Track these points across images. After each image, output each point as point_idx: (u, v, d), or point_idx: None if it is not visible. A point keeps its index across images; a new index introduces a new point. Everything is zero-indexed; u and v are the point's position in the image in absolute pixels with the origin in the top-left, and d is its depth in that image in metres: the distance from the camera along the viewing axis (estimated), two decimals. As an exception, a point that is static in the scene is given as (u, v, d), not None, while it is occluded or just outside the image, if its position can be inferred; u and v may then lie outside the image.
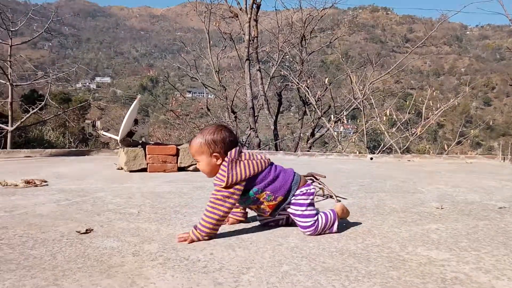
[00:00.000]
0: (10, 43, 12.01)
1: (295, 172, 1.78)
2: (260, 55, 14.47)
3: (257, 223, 1.86)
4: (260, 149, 11.56)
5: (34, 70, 15.86)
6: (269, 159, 1.77)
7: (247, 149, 9.42)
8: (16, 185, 2.75)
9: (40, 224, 1.78)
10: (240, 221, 1.87)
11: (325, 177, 2.56)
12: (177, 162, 3.85)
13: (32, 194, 2.50)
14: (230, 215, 1.81)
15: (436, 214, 2.16)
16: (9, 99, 12.21)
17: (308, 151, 15.65)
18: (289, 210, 1.72)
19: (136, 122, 3.85)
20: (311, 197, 1.73)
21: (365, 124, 11.56)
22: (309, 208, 1.69)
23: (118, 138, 3.71)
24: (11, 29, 11.95)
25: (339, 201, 2.44)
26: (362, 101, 11.24)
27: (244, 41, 13.52)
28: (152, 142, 4.01)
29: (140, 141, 3.91)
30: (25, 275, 1.19)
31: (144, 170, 3.76)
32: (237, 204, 1.69)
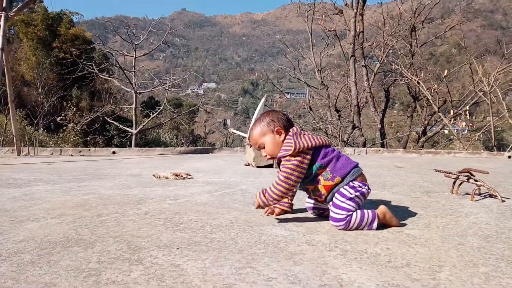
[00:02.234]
0: (134, 55, 13.51)
1: (357, 163, 1.70)
2: (364, 50, 13.92)
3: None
4: (365, 148, 11.11)
5: (153, 78, 17.64)
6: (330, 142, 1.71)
7: (352, 148, 9.07)
8: (167, 178, 3.02)
9: (207, 211, 1.91)
10: (286, 212, 1.85)
11: (487, 173, 2.29)
12: (302, 159, 3.86)
13: (184, 185, 2.72)
14: (277, 205, 1.81)
15: None
16: (133, 105, 13.75)
17: (420, 149, 14.57)
18: (333, 200, 1.63)
19: (263, 119, 3.96)
20: (358, 193, 1.61)
21: (492, 120, 10.31)
22: (348, 201, 1.59)
23: (246, 135, 3.86)
24: (134, 43, 13.48)
25: (504, 201, 2.16)
26: (489, 93, 10.03)
27: (348, 37, 13.15)
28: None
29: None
30: (219, 256, 1.27)
31: (270, 166, 3.85)
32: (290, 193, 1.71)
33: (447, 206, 2.04)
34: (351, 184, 1.63)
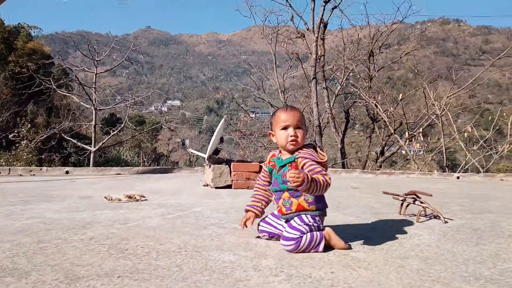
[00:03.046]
0: (95, 72, 13.21)
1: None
2: (326, 73, 14.38)
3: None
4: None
5: (114, 95, 17.24)
6: None
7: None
8: (120, 200, 2.93)
9: (156, 236, 1.86)
10: (257, 216, 1.84)
11: (431, 195, 2.40)
12: (260, 180, 3.88)
13: (137, 208, 2.65)
14: (252, 209, 1.83)
15: None
16: (93, 122, 13.36)
17: (378, 169, 15.04)
18: (290, 221, 1.69)
19: (222, 140, 3.96)
20: (315, 224, 1.68)
21: (444, 141, 10.86)
22: (304, 225, 1.64)
23: (205, 155, 3.84)
24: (96, 59, 13.20)
25: (446, 222, 2.26)
26: (440, 117, 10.59)
27: (310, 60, 13.56)
28: (236, 160, 4.10)
29: (225, 159, 4.02)
30: (161, 285, 1.23)
31: (229, 186, 3.83)
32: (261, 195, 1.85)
33: (394, 228, 2.11)
34: (314, 215, 1.69)
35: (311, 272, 1.37)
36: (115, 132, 14.26)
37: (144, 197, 3.10)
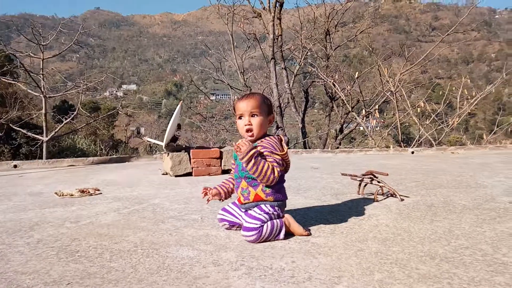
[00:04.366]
0: (42, 57, 12.40)
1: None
2: (284, 53, 14.36)
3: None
4: (288, 148, 11.46)
5: (65, 81, 16.32)
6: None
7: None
8: (72, 195, 2.78)
9: (110, 234, 1.77)
10: (219, 199, 1.80)
11: (387, 175, 2.45)
12: (220, 165, 3.82)
13: (90, 203, 2.52)
14: (218, 187, 1.80)
15: (513, 210, 2.02)
16: (43, 111, 12.62)
17: (338, 147, 15.41)
18: (248, 211, 1.68)
19: (179, 127, 3.84)
20: (275, 213, 1.66)
21: (399, 117, 11.25)
22: (264, 214, 1.63)
23: (163, 143, 3.72)
24: (42, 44, 12.37)
25: (403, 199, 2.33)
26: (395, 93, 10.94)
27: (268, 40, 13.47)
28: (195, 146, 4.01)
29: (184, 146, 3.91)
30: (114, 290, 1.16)
31: (189, 174, 3.75)
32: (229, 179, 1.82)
33: (353, 209, 2.14)
34: (273, 205, 1.67)
35: (272, 263, 1.35)
36: (67, 120, 13.54)
37: (98, 190, 2.96)
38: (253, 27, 15.32)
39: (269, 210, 1.66)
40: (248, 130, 1.69)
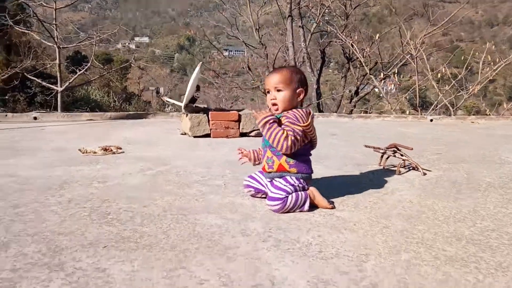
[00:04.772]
0: (54, 7, 12.15)
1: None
2: (301, 10, 13.85)
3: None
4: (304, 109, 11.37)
5: (77, 32, 16.10)
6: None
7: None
8: (95, 153, 2.83)
9: (138, 197, 1.81)
10: (253, 163, 1.89)
11: (411, 149, 2.43)
12: (239, 128, 3.83)
13: (114, 162, 2.57)
14: (252, 153, 1.88)
15: (538, 191, 2.01)
16: (57, 61, 12.57)
17: (352, 110, 15.23)
18: (274, 181, 1.70)
19: (198, 88, 3.81)
20: (300, 185, 1.69)
21: (418, 81, 10.98)
22: (289, 186, 1.65)
23: (182, 104, 3.71)
24: (54, -8, 12.06)
25: (425, 174, 2.32)
26: (416, 57, 10.59)
27: (287, -5, 12.95)
28: (213, 108, 3.99)
29: (202, 107, 3.90)
30: (149, 256, 1.21)
31: (207, 135, 3.77)
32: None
33: (375, 182, 2.14)
34: (299, 177, 1.70)
35: (299, 236, 1.38)
36: (81, 71, 13.54)
37: (120, 149, 3.00)
38: (271, -18, 14.70)
39: (295, 182, 1.67)
40: (273, 104, 1.72)
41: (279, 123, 1.68)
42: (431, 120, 5.99)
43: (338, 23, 14.56)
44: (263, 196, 1.79)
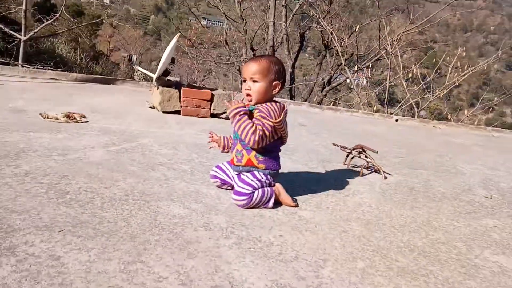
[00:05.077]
0: None
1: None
2: (287, -13, 13.64)
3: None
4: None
5: (49, -24, 15.02)
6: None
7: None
8: (57, 119, 2.70)
9: (99, 176, 1.75)
10: (222, 150, 1.86)
11: (377, 152, 2.49)
12: (210, 108, 3.77)
13: (77, 132, 2.46)
14: (223, 139, 1.86)
15: (488, 205, 2.13)
16: (23, 6, 11.75)
17: (322, 99, 15.42)
18: (241, 175, 1.70)
19: (173, 61, 3.70)
20: (267, 181, 1.69)
21: (389, 78, 11.24)
22: (256, 181, 1.66)
23: (154, 76, 3.59)
24: None
25: (386, 178, 2.40)
26: (391, 53, 10.78)
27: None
28: (186, 84, 3.89)
29: (175, 82, 3.80)
30: (107, 245, 1.18)
31: (177, 112, 3.69)
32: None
33: (339, 182, 2.19)
34: (267, 173, 1.69)
35: (261, 235, 1.40)
36: (49, 21, 12.72)
37: (84, 117, 2.88)
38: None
39: (262, 178, 1.68)
40: (248, 95, 1.68)
41: (251, 116, 1.66)
42: (396, 120, 6.17)
43: (322, 7, 14.48)
44: (229, 188, 1.78)
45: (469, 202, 2.15)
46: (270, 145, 1.69)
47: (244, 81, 1.70)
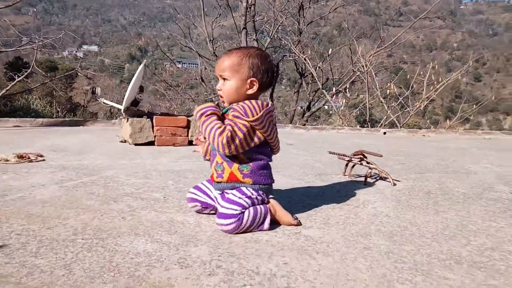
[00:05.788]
0: (-8, 6, 11.13)
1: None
2: (256, 23, 13.82)
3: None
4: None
5: (19, 35, 14.91)
6: None
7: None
8: (7, 160, 2.31)
9: (43, 215, 1.36)
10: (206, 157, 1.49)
11: (381, 156, 2.17)
12: (187, 135, 3.42)
13: (27, 172, 2.07)
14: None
15: (519, 201, 1.81)
16: (-7, 65, 11.45)
17: (304, 124, 15.29)
18: (225, 193, 1.36)
19: (141, 89, 3.38)
20: (259, 197, 1.34)
21: (368, 97, 11.21)
22: (246, 199, 1.31)
23: (121, 107, 3.25)
24: (-8, -9, 11.06)
25: (395, 184, 2.07)
26: (366, 73, 10.81)
27: (240, 9, 12.87)
28: (159, 113, 3.57)
29: (146, 111, 3.46)
30: (32, 306, 0.79)
31: (151, 143, 3.33)
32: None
33: (343, 193, 1.85)
34: (257, 188, 1.34)
35: (258, 265, 1.03)
36: (20, 77, 12.41)
37: (41, 156, 2.49)
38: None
39: (252, 194, 1.32)
40: (220, 96, 1.38)
41: (222, 118, 1.33)
42: (384, 133, 5.94)
43: (292, 39, 14.69)
44: (212, 212, 1.42)
45: (498, 200, 1.83)
46: (256, 153, 1.35)
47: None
